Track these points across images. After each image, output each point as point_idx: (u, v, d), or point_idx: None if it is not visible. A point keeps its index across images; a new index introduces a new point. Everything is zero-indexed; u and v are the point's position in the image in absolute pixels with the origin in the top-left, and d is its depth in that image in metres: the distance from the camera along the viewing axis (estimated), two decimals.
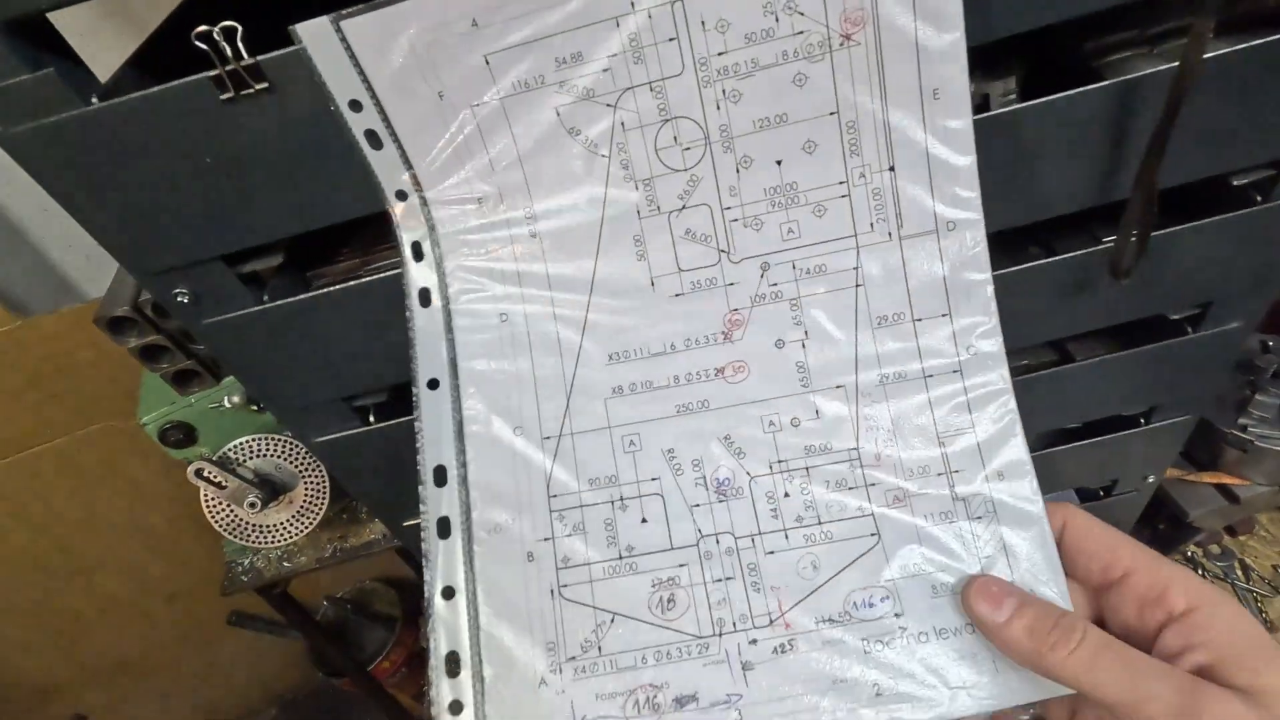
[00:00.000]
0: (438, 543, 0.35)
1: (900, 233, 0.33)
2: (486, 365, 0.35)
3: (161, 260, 0.37)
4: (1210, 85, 0.38)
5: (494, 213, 0.35)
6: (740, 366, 0.34)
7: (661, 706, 0.32)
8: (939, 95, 0.32)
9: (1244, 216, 0.45)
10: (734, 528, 0.34)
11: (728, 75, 0.32)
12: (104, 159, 0.33)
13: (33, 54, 0.31)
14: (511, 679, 0.33)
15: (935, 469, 0.33)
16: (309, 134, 0.33)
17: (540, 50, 0.31)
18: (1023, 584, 0.31)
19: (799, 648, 0.32)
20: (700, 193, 0.34)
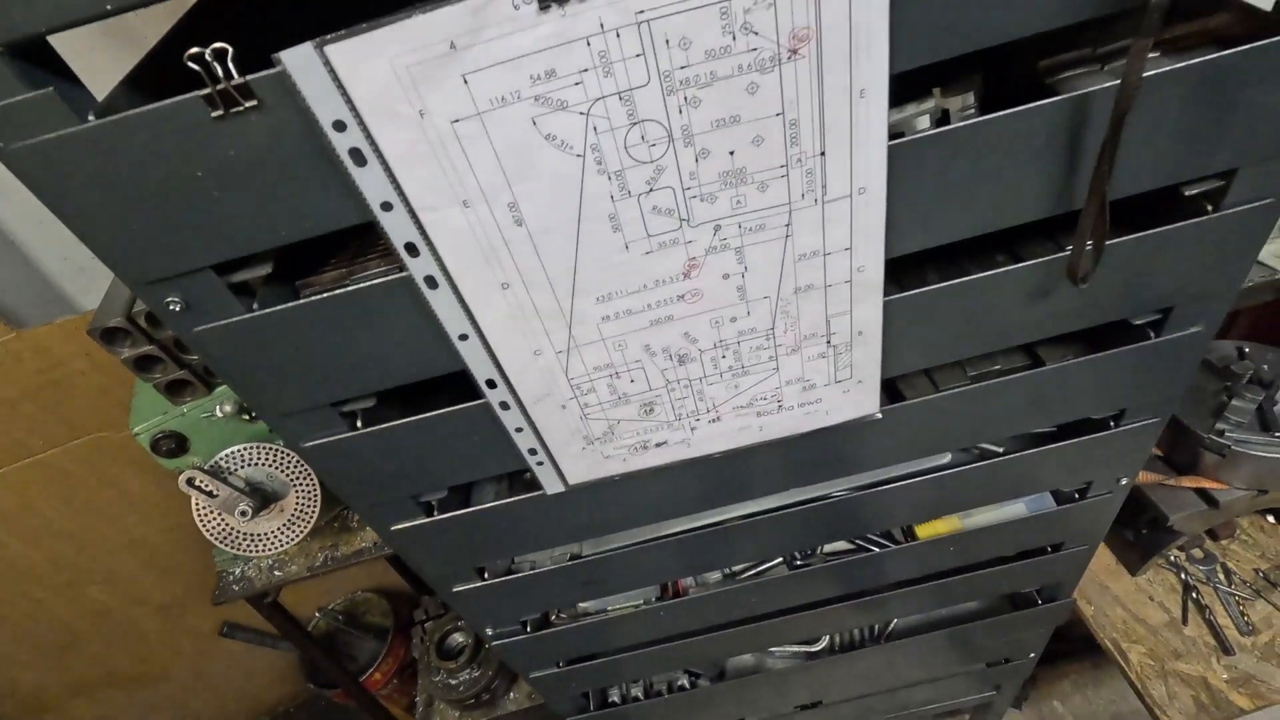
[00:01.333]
0: (517, 414, 0.51)
1: (824, 198, 0.40)
2: (502, 321, 0.44)
3: (154, 270, 0.39)
4: (1156, 101, 0.40)
5: (479, 210, 0.37)
6: (697, 293, 0.45)
7: (648, 446, 0.55)
8: (865, 95, 0.35)
9: (1196, 225, 0.47)
10: (688, 375, 0.50)
11: (689, 85, 0.34)
12: (100, 173, 0.34)
13: (33, 74, 0.32)
14: (565, 451, 0.54)
15: (819, 333, 0.49)
16: (296, 149, 0.35)
17: (515, 69, 0.33)
18: None
19: (724, 420, 0.54)
20: (665, 179, 0.38)
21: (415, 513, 0.59)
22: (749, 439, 0.56)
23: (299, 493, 0.94)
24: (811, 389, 0.52)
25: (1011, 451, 0.67)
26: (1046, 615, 0.92)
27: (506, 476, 0.66)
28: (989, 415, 0.60)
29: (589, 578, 0.71)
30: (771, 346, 0.49)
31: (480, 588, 0.68)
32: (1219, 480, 1.11)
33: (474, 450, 0.53)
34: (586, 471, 0.56)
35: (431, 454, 0.53)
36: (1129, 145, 0.41)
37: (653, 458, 0.56)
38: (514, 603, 0.73)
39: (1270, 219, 0.47)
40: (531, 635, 0.78)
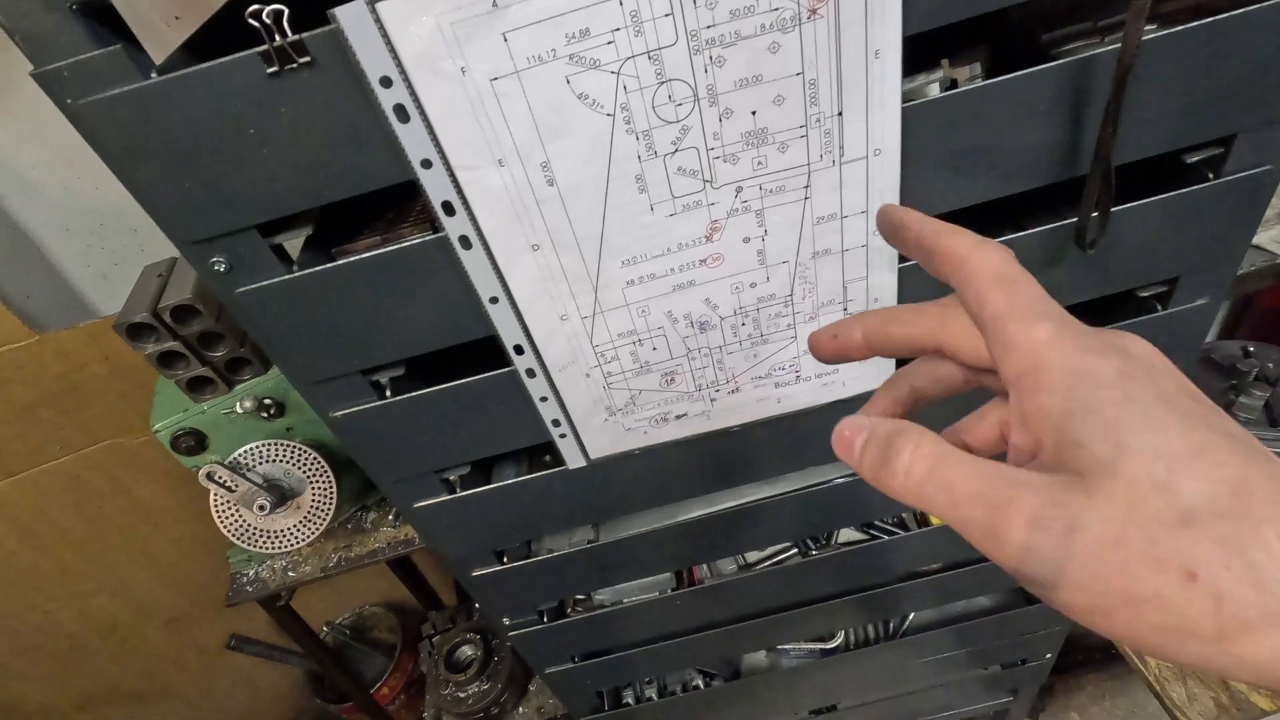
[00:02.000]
0: (542, 382, 0.52)
1: (841, 160, 0.42)
2: (531, 284, 0.46)
3: (202, 228, 0.41)
4: (1156, 66, 0.42)
5: (514, 169, 0.39)
6: (718, 257, 0.46)
7: (668, 418, 0.56)
8: (880, 55, 0.37)
9: (1197, 192, 0.48)
10: (709, 343, 0.52)
11: (714, 44, 0.36)
12: (158, 131, 0.37)
13: (101, 33, 0.34)
14: (588, 423, 0.55)
15: (837, 299, 0.50)
16: (344, 107, 0.37)
17: (552, 27, 0.35)
18: None
19: (743, 391, 0.55)
20: (690, 139, 0.40)
21: (438, 490, 0.60)
22: (768, 411, 0.57)
23: (315, 489, 0.95)
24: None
25: None
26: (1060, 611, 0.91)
27: (526, 459, 0.67)
28: None
29: (606, 562, 0.71)
30: (790, 314, 0.50)
31: (499, 572, 0.69)
32: None
33: (499, 421, 0.54)
34: (608, 445, 0.57)
35: (457, 425, 0.54)
36: (1131, 111, 0.43)
37: (673, 430, 0.57)
38: (531, 589, 0.73)
39: (1269, 186, 0.49)
40: (548, 625, 0.78)
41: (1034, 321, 0.21)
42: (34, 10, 0.33)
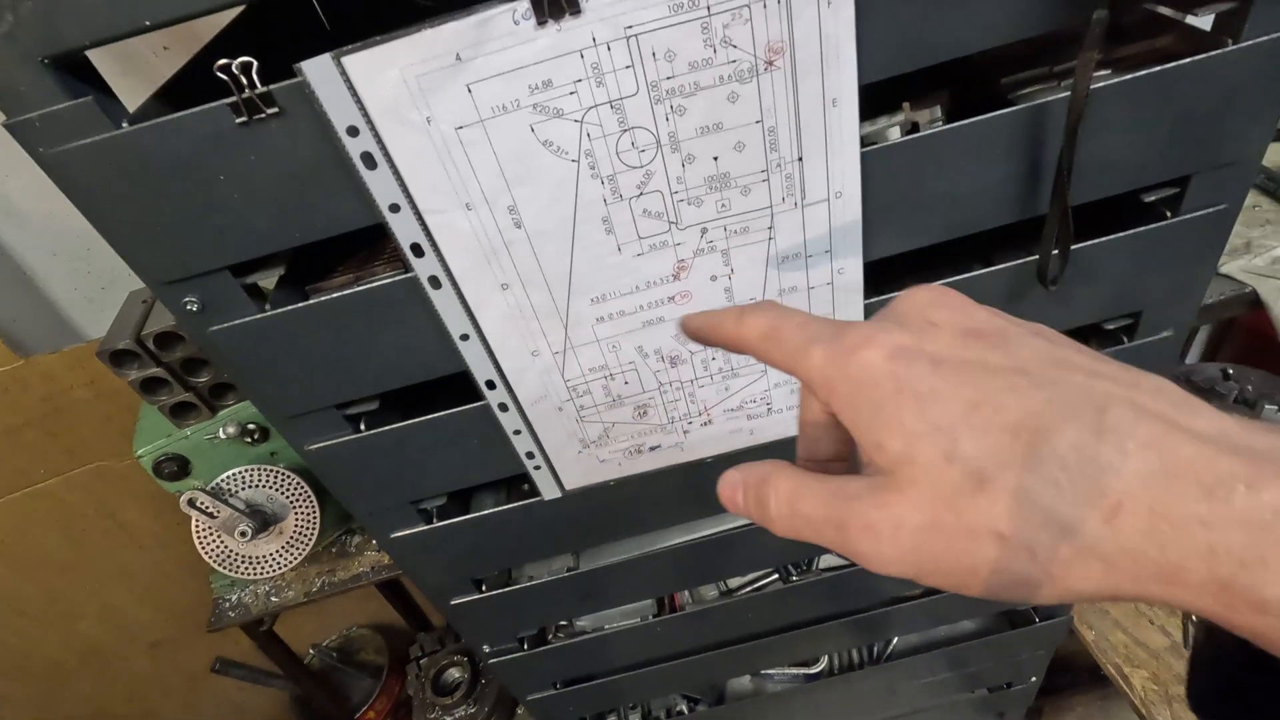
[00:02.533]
0: (515, 416, 0.53)
1: (803, 202, 0.43)
2: (502, 322, 0.46)
3: (174, 270, 0.41)
4: (1108, 112, 0.43)
5: (481, 212, 0.40)
6: (686, 294, 0.47)
7: (642, 450, 0.56)
8: (837, 103, 0.38)
9: (1156, 230, 0.49)
10: (680, 377, 0.52)
11: (675, 94, 0.37)
12: (130, 177, 0.37)
13: (73, 84, 0.35)
14: (562, 455, 0.56)
15: None
16: (312, 154, 0.38)
17: (515, 79, 0.36)
18: None
19: (715, 423, 0.55)
20: (654, 183, 0.41)
21: (415, 520, 0.61)
22: (740, 443, 0.57)
23: (298, 515, 0.95)
24: (799, 391, 0.54)
25: None
26: (1044, 633, 0.92)
27: (504, 489, 0.67)
28: None
29: (586, 591, 0.71)
30: None
31: (478, 600, 0.69)
32: None
33: (473, 454, 0.55)
34: (582, 476, 0.58)
35: (432, 458, 0.55)
36: (1086, 153, 0.44)
37: (647, 462, 0.57)
38: (511, 617, 0.73)
39: (1226, 223, 0.50)
40: (528, 653, 0.78)
41: (806, 353, 0.22)
42: (5, 65, 0.33)
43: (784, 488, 0.22)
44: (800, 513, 0.22)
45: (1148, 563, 0.17)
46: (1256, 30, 0.40)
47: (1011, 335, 0.20)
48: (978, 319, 0.21)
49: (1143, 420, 0.18)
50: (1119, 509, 0.17)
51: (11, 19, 0.32)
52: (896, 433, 0.19)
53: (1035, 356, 0.20)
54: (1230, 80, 0.42)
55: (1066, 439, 0.18)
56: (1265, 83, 0.42)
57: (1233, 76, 0.42)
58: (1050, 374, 0.19)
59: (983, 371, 0.19)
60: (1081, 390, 0.19)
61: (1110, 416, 0.18)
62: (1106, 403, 0.18)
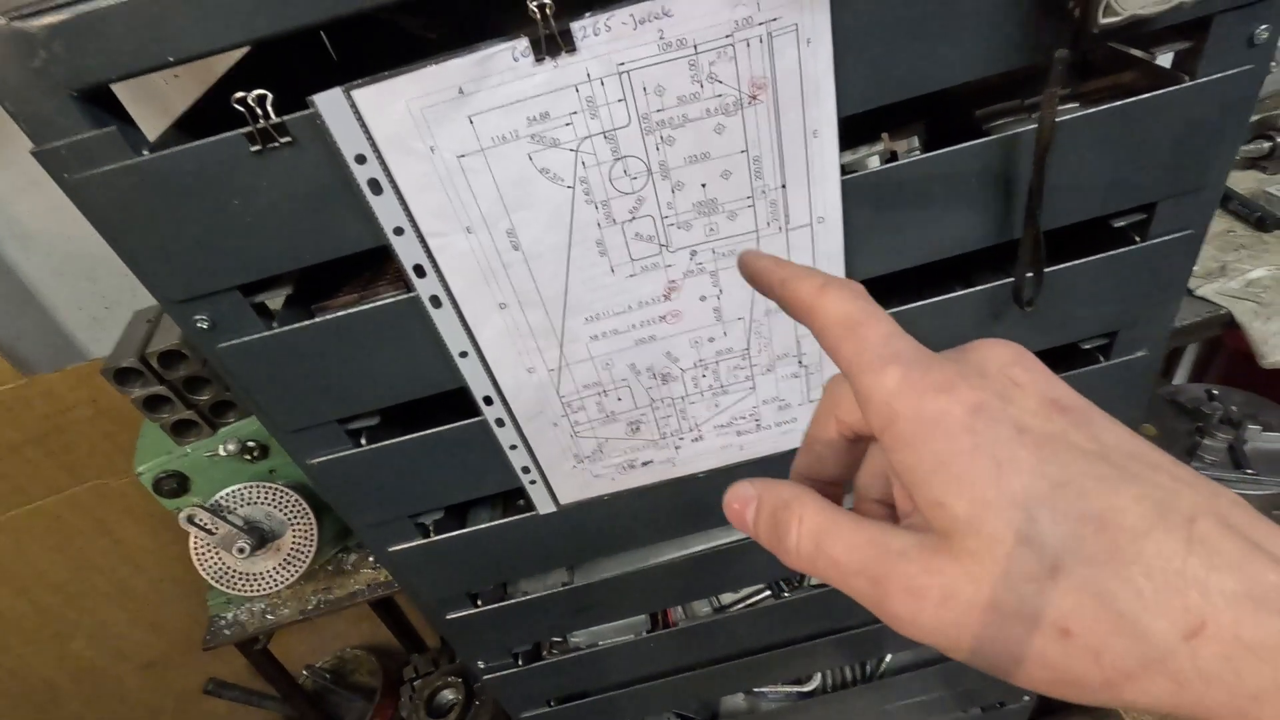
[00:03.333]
0: (511, 431, 0.55)
1: (787, 227, 0.45)
2: (499, 340, 0.48)
3: (187, 289, 0.43)
4: (1075, 142, 0.45)
5: (481, 235, 0.42)
6: (677, 314, 0.49)
7: (635, 465, 0.58)
8: (817, 134, 0.40)
9: (1126, 254, 0.52)
10: (671, 394, 0.54)
11: (664, 126, 0.39)
12: (149, 202, 0.39)
13: (98, 115, 0.37)
14: (557, 470, 0.57)
15: (791, 353, 0.53)
16: (321, 180, 0.40)
17: (514, 111, 0.38)
18: None
19: (706, 439, 0.57)
20: (645, 208, 0.43)
21: (413, 534, 0.62)
22: (731, 458, 0.59)
23: (295, 532, 0.96)
24: (787, 408, 0.56)
25: None
26: None
27: (500, 504, 0.69)
28: None
29: (580, 605, 0.72)
30: (748, 366, 0.53)
31: (473, 615, 0.70)
32: None
33: (471, 468, 0.56)
34: (577, 491, 0.59)
35: (430, 472, 0.56)
36: (1055, 180, 0.47)
37: (640, 476, 0.59)
38: (506, 632, 0.74)
39: (1193, 247, 0.52)
40: (523, 668, 0.78)
41: (882, 370, 0.19)
42: (36, 97, 0.36)
43: (811, 521, 0.21)
44: (828, 554, 0.20)
45: (1222, 688, 0.16)
46: (1210, 67, 0.43)
47: (1094, 417, 0.19)
48: (1058, 389, 0.20)
49: (1229, 537, 0.16)
50: (1201, 629, 0.16)
51: (45, 55, 0.34)
52: (964, 495, 0.18)
53: (1118, 444, 0.18)
54: (1188, 113, 0.45)
55: (1154, 544, 0.16)
56: (1221, 115, 0.45)
57: (1191, 110, 0.45)
58: (1134, 468, 0.18)
59: (1067, 449, 0.18)
60: (1169, 493, 0.17)
61: (1199, 527, 0.17)
62: (1195, 512, 0.17)
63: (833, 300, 0.21)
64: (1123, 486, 0.17)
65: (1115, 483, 0.17)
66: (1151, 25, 0.40)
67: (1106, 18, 0.36)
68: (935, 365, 0.19)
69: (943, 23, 0.39)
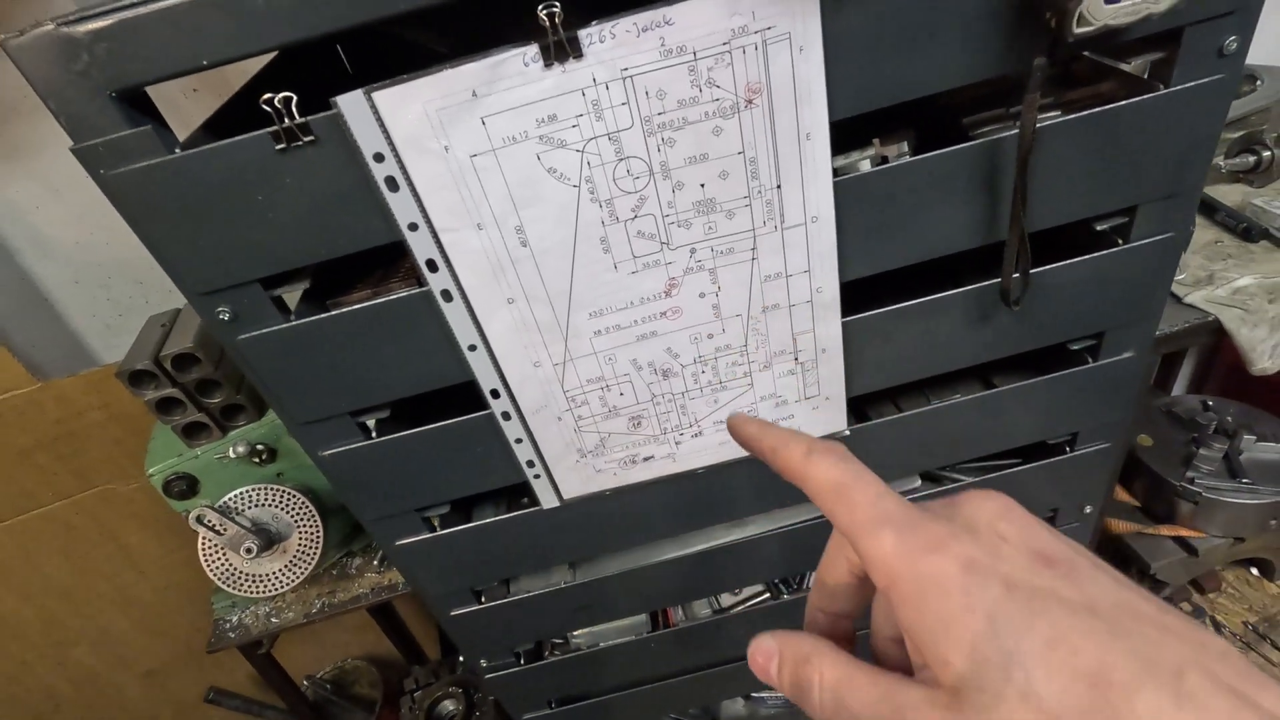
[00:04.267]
0: (517, 424, 0.56)
1: (783, 225, 0.47)
2: (507, 334, 0.50)
3: (211, 282, 0.45)
4: (1056, 147, 0.48)
5: (491, 232, 0.45)
6: (677, 310, 0.51)
7: (637, 460, 0.60)
8: (810, 136, 0.42)
9: (1109, 256, 0.54)
10: (671, 389, 0.56)
11: (665, 128, 0.42)
12: (178, 197, 0.42)
13: (134, 115, 0.40)
14: (560, 464, 0.59)
15: (788, 350, 0.55)
16: (341, 178, 0.42)
17: (524, 113, 0.41)
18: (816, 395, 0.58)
19: (705, 434, 0.59)
20: (647, 207, 0.45)
21: (420, 528, 0.63)
22: (730, 454, 0.61)
23: (302, 534, 0.97)
24: (784, 405, 0.58)
25: (973, 476, 0.72)
26: None
27: (505, 501, 0.70)
28: (952, 435, 0.65)
29: (582, 603, 0.73)
30: (745, 362, 0.55)
31: (477, 611, 0.71)
32: (1196, 529, 1.14)
33: (477, 461, 0.58)
34: (580, 485, 0.61)
35: (438, 464, 0.58)
36: (1038, 184, 0.49)
37: (641, 472, 0.61)
38: (509, 629, 0.75)
39: (1174, 250, 0.54)
40: (525, 668, 0.79)
41: (877, 533, 0.21)
42: (78, 98, 0.38)
43: (829, 675, 0.22)
44: (848, 708, 0.21)
45: None
46: (1183, 77, 0.45)
47: (1080, 566, 0.20)
48: (1044, 541, 0.21)
49: (1218, 691, 0.17)
50: None
51: (87, 58, 0.37)
52: (964, 652, 0.19)
53: (1104, 595, 0.19)
54: (1164, 120, 0.47)
55: (1144, 700, 0.17)
56: (1195, 122, 0.47)
57: (1166, 116, 0.47)
58: (1123, 622, 0.19)
59: (1056, 604, 0.19)
60: (1156, 647, 0.18)
61: (1188, 682, 0.17)
62: (1183, 665, 0.17)
63: (819, 467, 0.23)
64: (1112, 642, 0.18)
65: (1104, 638, 0.18)
66: (1123, 36, 0.42)
67: (1080, 27, 0.39)
68: (925, 524, 0.21)
69: (927, 32, 0.41)
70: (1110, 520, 1.18)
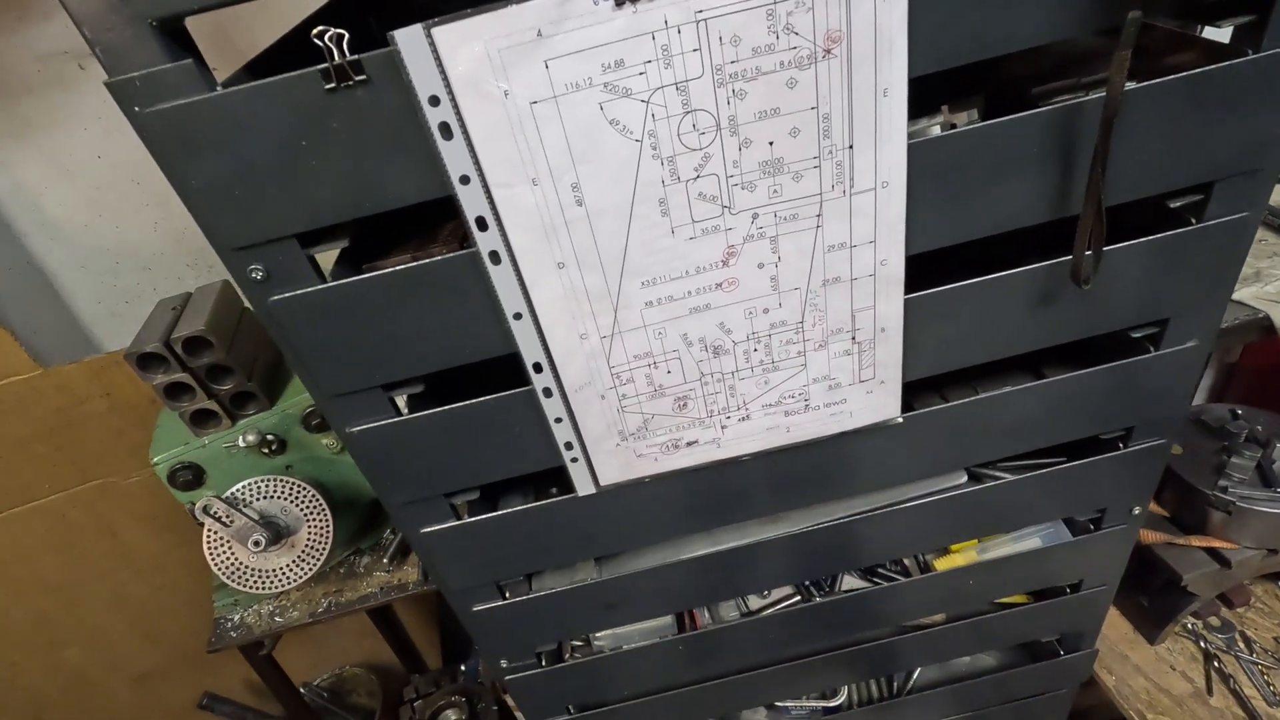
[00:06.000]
0: (558, 402, 0.53)
1: (851, 190, 0.45)
2: (555, 302, 0.47)
3: (246, 235, 0.42)
4: (1137, 118, 0.45)
5: (546, 188, 0.42)
6: (733, 281, 0.48)
7: (679, 445, 0.57)
8: (888, 93, 0.41)
9: (1182, 235, 0.52)
10: (722, 368, 0.53)
11: (737, 78, 0.39)
12: (218, 140, 0.39)
13: (174, 49, 0.37)
14: (600, 448, 0.56)
15: (845, 329, 0.52)
16: (392, 123, 0.39)
17: (590, 57, 0.38)
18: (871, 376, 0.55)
19: (753, 418, 0.56)
20: (711, 166, 0.43)
21: (447, 515, 0.60)
22: (777, 440, 0.58)
23: (311, 528, 0.94)
24: (837, 388, 0.55)
25: (1024, 472, 0.69)
26: (1068, 667, 0.90)
27: (532, 491, 0.67)
28: (1002, 427, 0.62)
29: (607, 601, 0.70)
30: (800, 341, 0.52)
31: (500, 607, 0.68)
32: (1228, 539, 1.11)
33: (513, 443, 0.55)
34: (618, 471, 0.58)
35: (471, 446, 0.55)
36: (1117, 155, 0.46)
37: (683, 458, 0.58)
38: (531, 628, 0.71)
39: (1248, 232, 0.52)
40: (545, 669, 0.75)
41: None
42: (116, 25, 0.35)
43: None
44: None
45: None
46: (1275, 41, 0.43)
47: None
48: None
49: None
50: None
51: None
52: None
53: None
54: (1250, 89, 0.45)
55: None
56: None
57: (1253, 85, 0.45)
58: None
59: None
60: None
61: None
62: None
63: None
64: None
65: None
66: None
67: None
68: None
69: None
70: (1140, 529, 1.15)
